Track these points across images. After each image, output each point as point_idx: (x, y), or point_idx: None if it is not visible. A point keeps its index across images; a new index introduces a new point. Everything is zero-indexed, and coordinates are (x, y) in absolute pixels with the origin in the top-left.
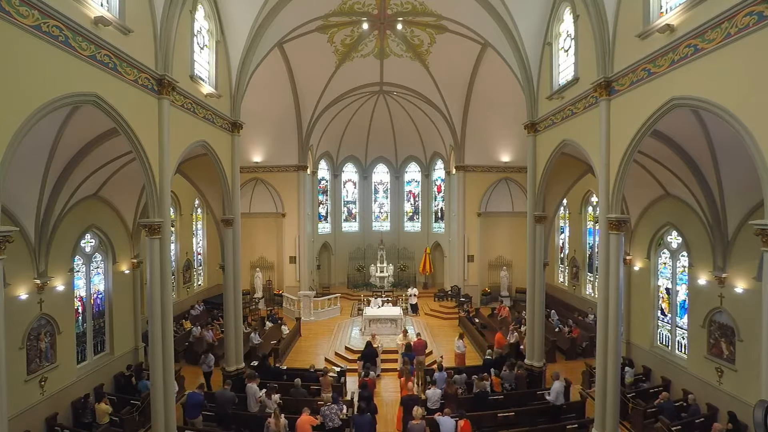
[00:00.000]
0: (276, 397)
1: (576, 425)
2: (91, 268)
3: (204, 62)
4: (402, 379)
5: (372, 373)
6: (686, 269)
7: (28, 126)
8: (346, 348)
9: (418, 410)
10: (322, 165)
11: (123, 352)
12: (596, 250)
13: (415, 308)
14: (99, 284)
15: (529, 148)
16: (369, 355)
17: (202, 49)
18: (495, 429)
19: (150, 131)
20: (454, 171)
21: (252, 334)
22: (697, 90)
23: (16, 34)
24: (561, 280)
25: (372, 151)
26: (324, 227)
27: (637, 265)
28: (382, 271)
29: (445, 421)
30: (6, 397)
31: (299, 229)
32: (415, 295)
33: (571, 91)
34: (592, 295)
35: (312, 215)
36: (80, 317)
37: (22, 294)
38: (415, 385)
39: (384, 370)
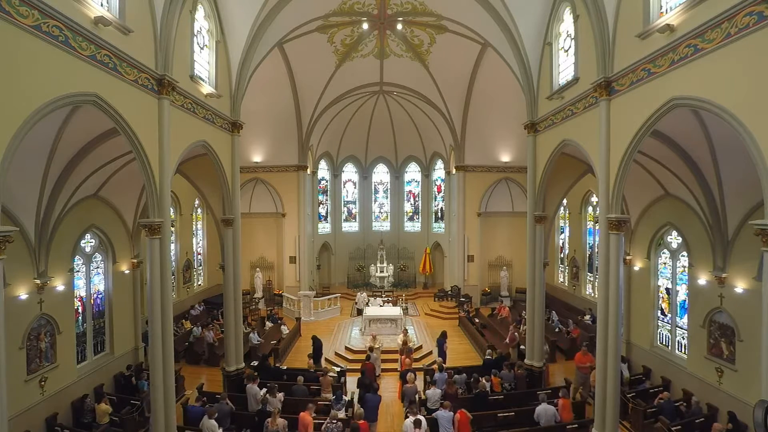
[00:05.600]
0: (280, 395)
1: (576, 425)
2: (91, 268)
3: (204, 62)
4: (402, 356)
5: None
6: (686, 269)
7: (28, 126)
8: (346, 348)
9: (410, 376)
10: (322, 165)
11: (123, 352)
12: (596, 250)
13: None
14: (99, 284)
15: (529, 148)
16: (317, 349)
17: (202, 49)
18: (495, 429)
19: (150, 131)
20: (454, 171)
21: (252, 334)
22: (697, 90)
23: (16, 34)
24: (561, 280)
25: (372, 151)
26: (324, 227)
27: (637, 265)
28: (382, 271)
29: (442, 415)
30: (6, 397)
31: (299, 229)
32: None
33: (571, 91)
34: (592, 295)
35: (312, 215)
36: (80, 317)
37: (22, 294)
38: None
39: (384, 370)
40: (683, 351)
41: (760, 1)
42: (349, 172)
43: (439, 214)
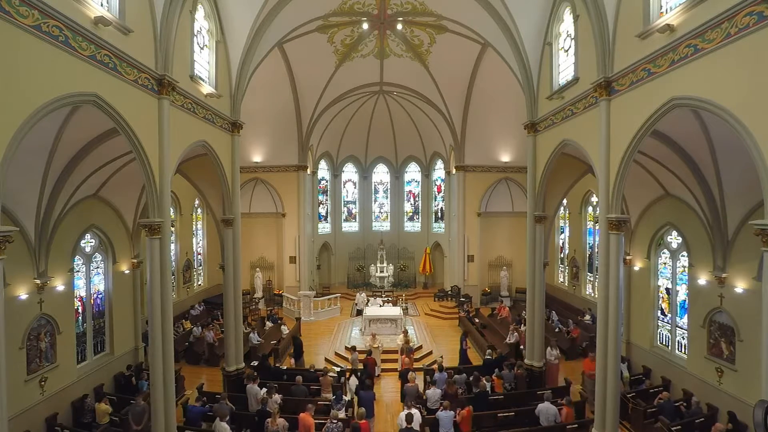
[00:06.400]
0: (277, 396)
1: (576, 425)
2: (91, 268)
3: (204, 62)
4: (402, 356)
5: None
6: (686, 269)
7: (28, 126)
8: (346, 348)
9: (411, 374)
10: (322, 165)
11: (123, 352)
12: (596, 250)
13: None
14: (99, 284)
15: (529, 148)
16: (297, 347)
17: (202, 49)
18: (495, 429)
19: (150, 131)
20: (454, 171)
21: (252, 334)
22: (697, 90)
23: (16, 34)
24: (561, 280)
25: (372, 151)
26: (324, 227)
27: (637, 265)
28: (382, 271)
29: (443, 416)
30: (6, 397)
31: (299, 229)
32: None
33: (571, 91)
34: (592, 295)
35: (312, 215)
36: (80, 317)
37: (22, 294)
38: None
39: (384, 370)
40: (683, 351)
41: (760, 1)
42: (349, 172)
43: (439, 214)
